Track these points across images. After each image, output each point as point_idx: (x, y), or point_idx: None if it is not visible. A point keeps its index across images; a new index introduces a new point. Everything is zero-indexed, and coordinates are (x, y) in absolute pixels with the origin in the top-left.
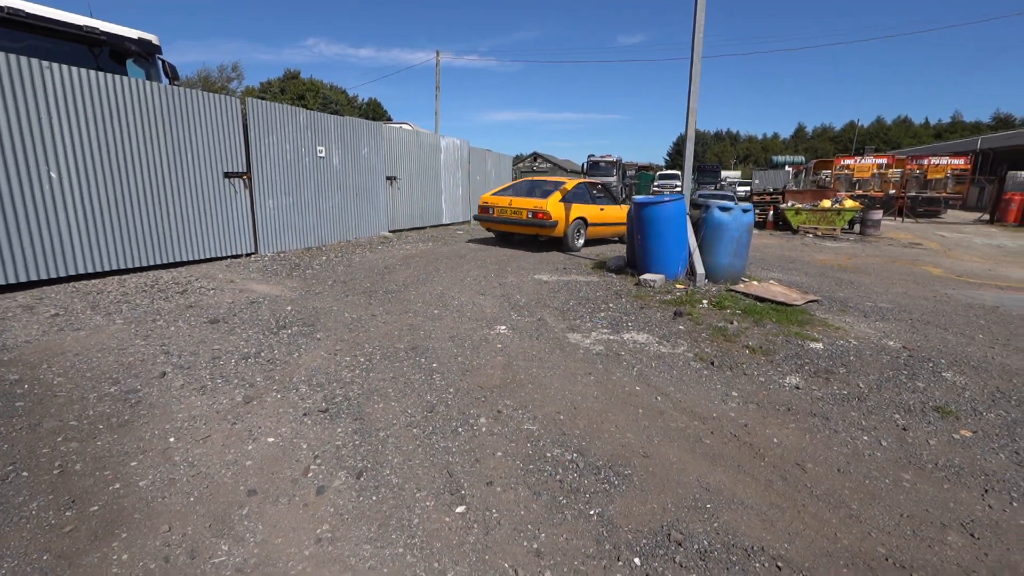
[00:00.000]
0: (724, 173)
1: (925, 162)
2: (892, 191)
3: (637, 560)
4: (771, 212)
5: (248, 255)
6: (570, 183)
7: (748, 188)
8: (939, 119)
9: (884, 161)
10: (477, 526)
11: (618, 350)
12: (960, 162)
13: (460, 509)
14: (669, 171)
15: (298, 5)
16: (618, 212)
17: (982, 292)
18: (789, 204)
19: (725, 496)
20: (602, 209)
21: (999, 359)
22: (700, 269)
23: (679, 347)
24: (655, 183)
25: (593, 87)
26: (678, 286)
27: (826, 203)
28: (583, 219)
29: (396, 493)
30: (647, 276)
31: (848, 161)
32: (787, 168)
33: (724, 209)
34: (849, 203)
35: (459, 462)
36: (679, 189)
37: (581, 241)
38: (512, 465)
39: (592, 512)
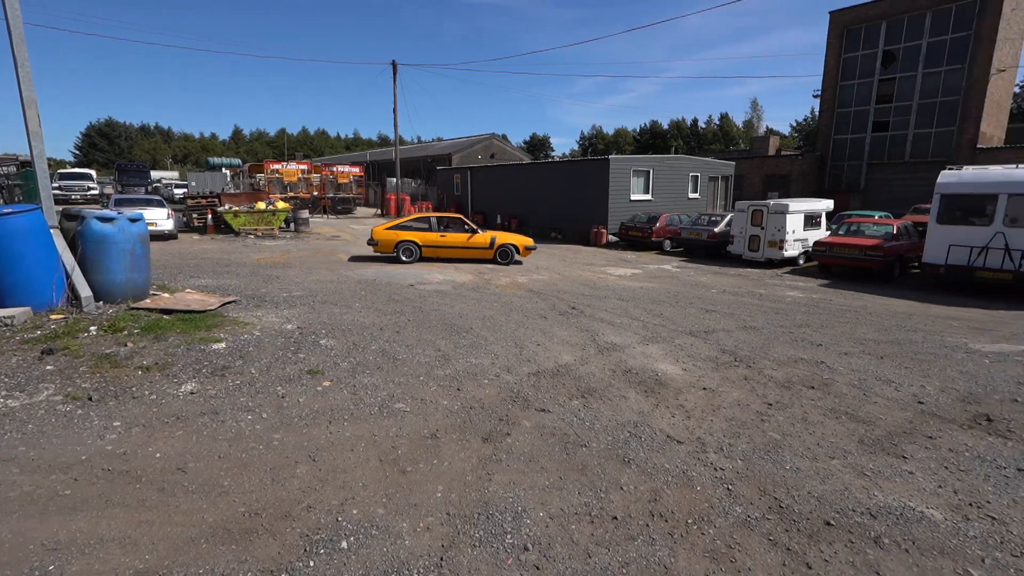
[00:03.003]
0: (158, 174)
1: (335, 169)
2: (316, 193)
3: None
4: (210, 216)
5: None
6: (411, 217)
7: (185, 190)
8: (347, 134)
9: (306, 167)
10: None
11: None
12: (357, 170)
13: None
14: (77, 169)
15: None
16: (463, 238)
17: (366, 270)
18: (227, 207)
19: (79, 544)
20: (443, 235)
21: (360, 319)
22: (86, 291)
23: (42, 393)
24: (54, 183)
25: None
26: (54, 317)
27: (261, 205)
28: (415, 243)
29: None
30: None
31: (277, 166)
32: (224, 171)
33: (105, 220)
34: (281, 204)
35: None
36: (94, 192)
37: (410, 257)
38: None
39: None
